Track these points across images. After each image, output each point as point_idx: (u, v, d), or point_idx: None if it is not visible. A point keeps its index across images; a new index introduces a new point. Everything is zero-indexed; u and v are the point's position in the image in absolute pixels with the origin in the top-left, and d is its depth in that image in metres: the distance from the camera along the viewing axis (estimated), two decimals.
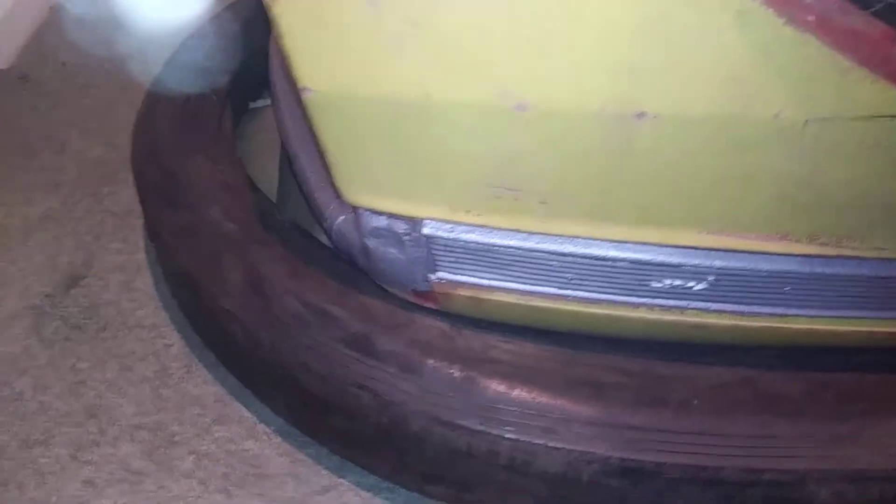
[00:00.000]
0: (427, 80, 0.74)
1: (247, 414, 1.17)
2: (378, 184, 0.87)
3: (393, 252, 0.95)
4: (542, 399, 0.92)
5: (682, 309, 0.91)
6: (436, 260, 0.94)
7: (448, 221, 0.88)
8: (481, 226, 0.86)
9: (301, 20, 0.76)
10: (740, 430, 0.88)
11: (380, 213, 0.91)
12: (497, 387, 0.92)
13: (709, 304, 0.91)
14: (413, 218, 0.89)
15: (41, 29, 2.04)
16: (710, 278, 0.88)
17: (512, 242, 0.89)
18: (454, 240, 0.90)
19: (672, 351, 0.99)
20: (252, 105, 1.53)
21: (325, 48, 0.77)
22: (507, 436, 0.90)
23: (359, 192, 0.88)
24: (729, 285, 0.89)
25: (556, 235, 0.86)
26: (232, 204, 1.10)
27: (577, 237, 0.85)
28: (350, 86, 0.78)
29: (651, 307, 0.92)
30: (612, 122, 0.73)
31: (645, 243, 0.86)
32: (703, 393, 0.93)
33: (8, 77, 1.87)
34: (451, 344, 0.97)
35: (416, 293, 1.00)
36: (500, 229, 0.87)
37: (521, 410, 0.92)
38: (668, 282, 0.91)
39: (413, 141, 0.81)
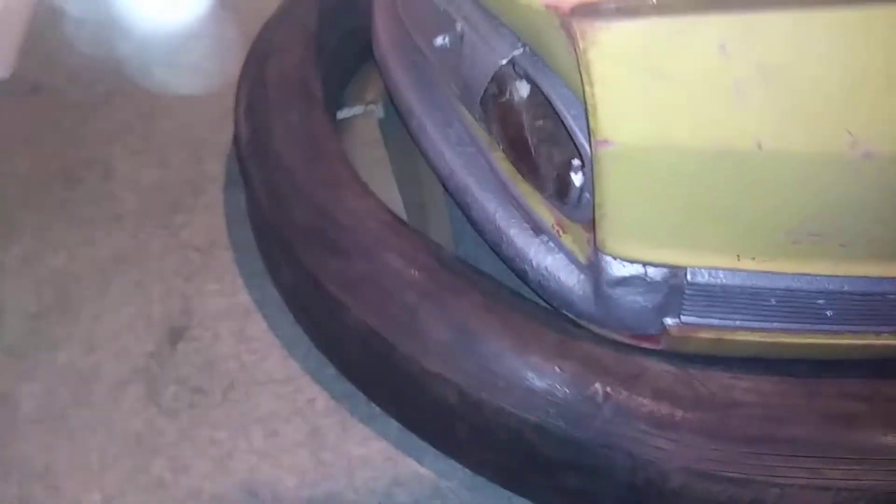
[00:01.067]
0: (763, 128, 0.66)
1: (423, 470, 1.08)
2: (653, 235, 0.78)
3: (637, 300, 0.87)
4: (803, 436, 0.88)
5: None
6: (683, 304, 0.87)
7: (724, 269, 0.81)
8: (762, 272, 0.80)
9: (628, 69, 0.65)
10: None
11: (634, 262, 0.83)
12: (754, 431, 0.88)
13: None
14: (676, 266, 0.82)
15: (34, 30, 1.80)
16: None
17: (784, 284, 0.83)
18: (720, 286, 0.83)
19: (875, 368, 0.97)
20: (340, 116, 1.39)
21: (648, 98, 0.67)
22: (777, 482, 0.87)
23: (626, 244, 0.79)
24: None
25: (842, 276, 0.81)
26: (407, 247, 0.99)
27: (866, 276, 0.80)
28: (666, 137, 0.69)
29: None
30: None
31: None
32: None
33: (17, 88, 1.63)
34: (693, 390, 0.91)
35: (637, 336, 0.93)
36: (778, 274, 0.81)
37: (783, 454, 0.88)
38: None
39: (719, 191, 0.73)
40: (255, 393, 1.15)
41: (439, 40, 1.00)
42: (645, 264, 0.81)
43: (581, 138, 0.79)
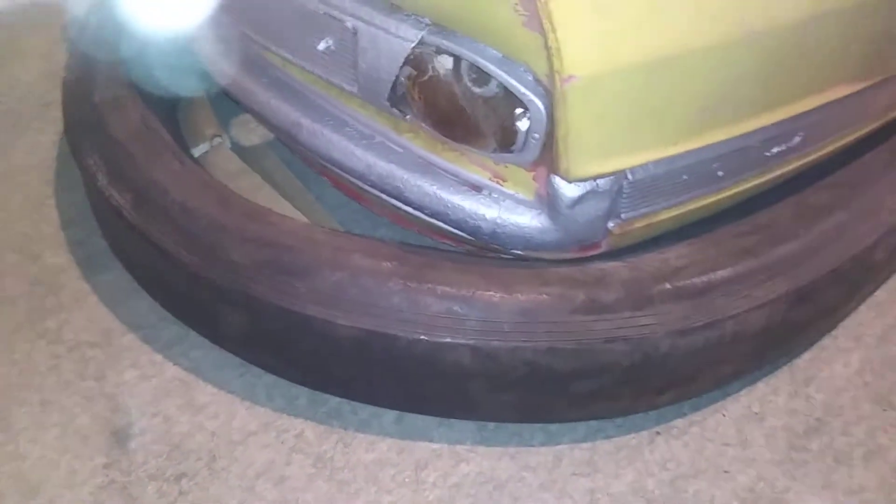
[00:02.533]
0: (685, 33, 0.80)
1: (435, 445, 1.09)
2: (607, 150, 0.89)
3: (589, 213, 0.98)
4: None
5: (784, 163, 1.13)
6: (622, 204, 1.01)
7: (653, 161, 0.95)
8: (680, 153, 0.96)
9: (580, 11, 0.74)
10: None
11: (586, 180, 0.94)
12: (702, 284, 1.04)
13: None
14: (621, 171, 0.95)
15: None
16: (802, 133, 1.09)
17: (693, 159, 1.00)
18: (650, 177, 0.97)
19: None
20: (196, 154, 1.30)
21: (598, 32, 0.78)
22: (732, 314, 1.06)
23: (586, 165, 0.89)
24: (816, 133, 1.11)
25: (729, 139, 0.99)
26: (362, 247, 1.01)
27: (742, 134, 1.00)
28: (616, 61, 0.80)
29: (764, 171, 1.13)
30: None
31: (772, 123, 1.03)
32: None
33: (28, 108, 1.27)
34: (642, 271, 1.05)
35: (584, 247, 1.05)
36: (690, 151, 0.97)
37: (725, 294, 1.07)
38: (776, 148, 1.12)
39: (656, 94, 0.86)
40: (240, 453, 1.08)
41: (322, 45, 1.02)
42: (596, 178, 0.94)
43: (522, 89, 0.88)
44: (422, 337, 0.96)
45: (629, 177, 0.96)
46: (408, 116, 1.02)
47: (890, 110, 1.27)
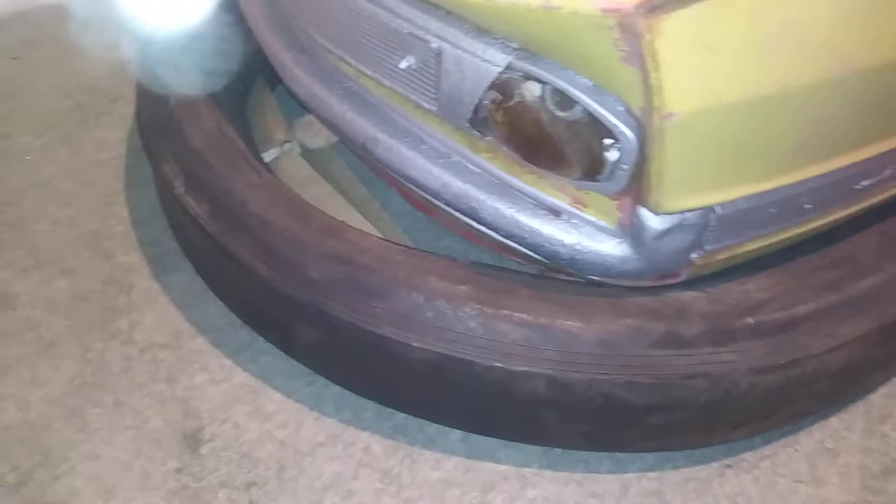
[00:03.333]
0: (786, 71, 0.77)
1: (503, 467, 1.09)
2: (698, 185, 0.87)
3: (675, 245, 0.96)
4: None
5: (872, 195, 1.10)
6: (708, 236, 0.98)
7: (744, 196, 0.93)
8: (771, 189, 0.93)
9: (684, 50, 0.72)
10: None
11: (673, 214, 0.92)
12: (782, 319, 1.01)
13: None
14: (710, 206, 0.93)
15: None
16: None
17: (782, 195, 0.97)
18: (738, 211, 0.94)
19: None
20: (267, 159, 1.30)
21: (700, 70, 0.75)
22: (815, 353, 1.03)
23: (677, 199, 0.87)
24: None
25: (820, 175, 0.96)
26: (437, 268, 1.01)
27: (833, 170, 0.97)
28: (715, 99, 0.77)
29: (851, 203, 1.09)
30: None
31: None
32: None
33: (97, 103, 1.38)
34: (723, 304, 1.03)
35: (662, 276, 1.03)
36: (781, 187, 0.95)
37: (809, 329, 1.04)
38: (865, 182, 1.08)
39: (751, 132, 0.83)
40: (308, 464, 1.09)
41: (404, 63, 1.01)
42: (685, 212, 0.92)
43: (614, 120, 0.86)
44: (497, 364, 0.95)
45: (717, 210, 0.93)
46: (487, 137, 1.01)
47: None
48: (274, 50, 1.25)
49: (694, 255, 1.00)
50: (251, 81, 1.46)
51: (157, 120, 1.22)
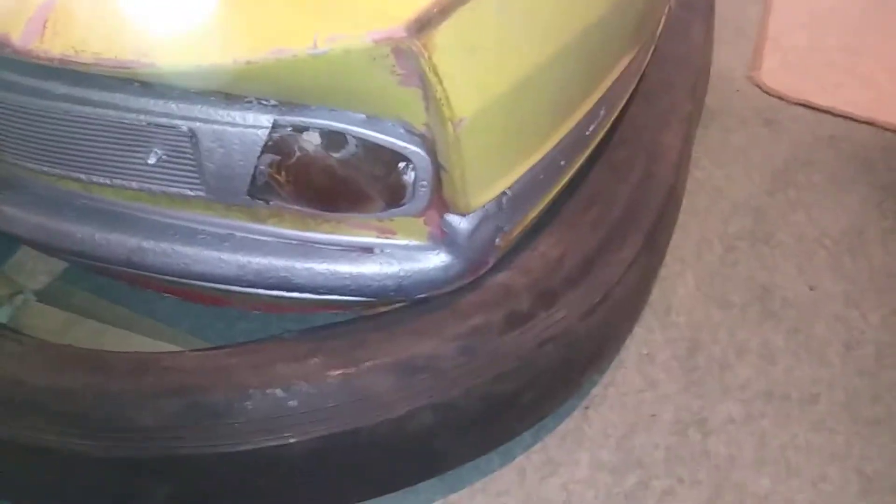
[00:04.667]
0: (529, 53, 0.83)
1: None
2: (492, 175, 0.89)
3: (483, 237, 0.98)
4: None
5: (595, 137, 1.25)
6: (503, 219, 1.02)
7: (524, 172, 0.98)
8: (542, 156, 1.00)
9: (455, 56, 0.72)
10: None
11: (477, 210, 0.94)
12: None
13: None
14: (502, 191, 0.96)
15: None
16: None
17: (544, 162, 1.05)
18: (521, 186, 1.00)
19: None
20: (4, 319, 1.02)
21: (472, 70, 0.77)
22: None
23: (479, 195, 0.89)
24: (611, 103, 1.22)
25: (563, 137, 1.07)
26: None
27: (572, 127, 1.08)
28: (489, 94, 0.79)
29: (586, 148, 1.23)
30: None
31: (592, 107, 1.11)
32: None
33: None
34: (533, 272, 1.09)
35: (477, 268, 1.05)
36: (545, 154, 1.02)
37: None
38: (591, 126, 1.22)
39: (521, 113, 0.87)
40: None
41: (152, 158, 0.88)
42: (485, 205, 0.95)
43: (401, 144, 0.85)
44: (383, 418, 0.91)
45: (508, 193, 0.99)
46: (272, 202, 0.94)
47: (639, 71, 1.46)
48: None
49: (497, 240, 1.05)
50: None
51: None
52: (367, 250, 0.99)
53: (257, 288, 0.99)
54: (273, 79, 0.77)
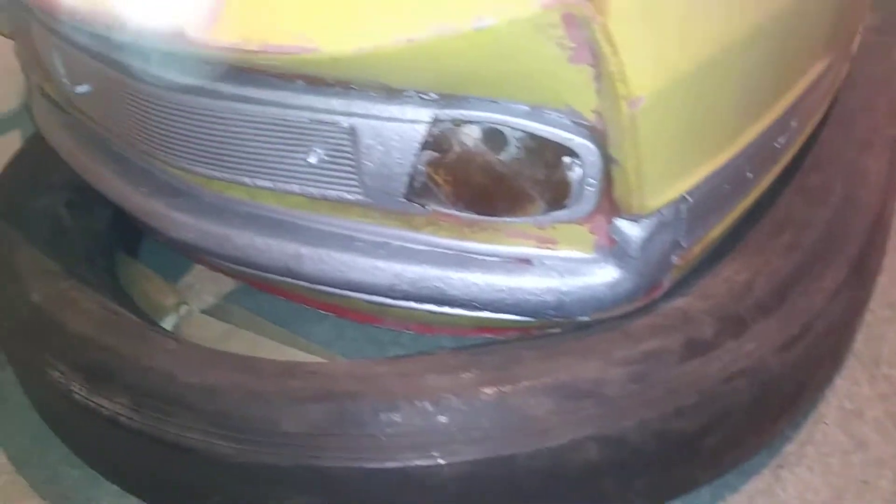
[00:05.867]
0: (720, 30, 0.73)
1: None
2: (672, 173, 0.79)
3: (657, 250, 0.87)
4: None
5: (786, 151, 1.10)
6: (682, 233, 0.90)
7: (707, 175, 0.86)
8: (726, 161, 0.88)
9: (634, 25, 0.65)
10: None
11: (651, 215, 0.83)
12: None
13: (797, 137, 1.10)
14: (681, 194, 0.85)
15: None
16: None
17: (728, 169, 0.92)
18: (703, 193, 0.88)
19: None
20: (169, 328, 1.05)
21: (651, 43, 0.68)
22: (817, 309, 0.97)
23: (659, 194, 0.78)
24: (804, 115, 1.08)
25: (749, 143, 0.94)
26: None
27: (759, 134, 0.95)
28: (672, 71, 0.71)
29: (775, 163, 1.09)
30: None
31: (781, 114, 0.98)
32: None
33: None
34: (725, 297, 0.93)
35: (650, 292, 0.94)
36: (729, 159, 0.90)
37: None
38: (781, 139, 1.08)
39: (705, 101, 0.77)
40: None
41: (313, 157, 0.87)
42: (660, 210, 0.84)
43: (566, 135, 0.77)
44: (539, 447, 0.80)
45: (688, 199, 0.87)
46: (428, 207, 0.89)
47: (833, 88, 1.29)
48: (136, 204, 1.07)
49: (674, 258, 0.92)
50: (111, 255, 1.25)
51: (20, 323, 0.97)
52: (525, 262, 0.90)
53: (411, 300, 0.93)
54: (433, 61, 0.73)
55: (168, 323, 1.09)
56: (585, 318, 0.92)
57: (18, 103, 1.75)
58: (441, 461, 0.76)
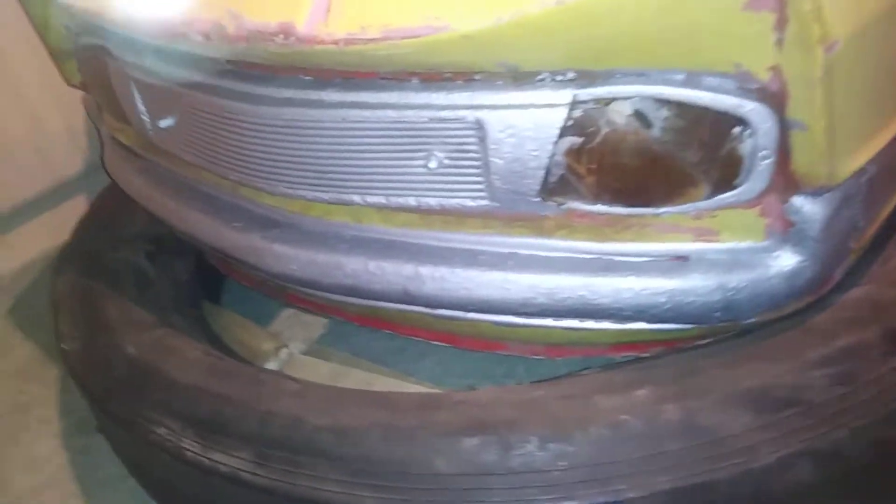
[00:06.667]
0: None
1: None
2: (862, 135, 0.68)
3: (840, 230, 0.75)
4: None
5: None
6: (861, 211, 0.78)
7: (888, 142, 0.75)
8: None
9: None
10: None
11: (836, 186, 0.71)
12: None
13: None
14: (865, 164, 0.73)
15: None
16: None
17: None
18: (883, 166, 0.77)
19: None
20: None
21: None
22: None
23: (851, 159, 0.66)
24: None
25: None
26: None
27: None
28: (866, 12, 0.60)
29: None
30: None
31: None
32: None
33: None
34: None
35: (823, 283, 0.81)
36: None
37: None
38: None
39: (892, 52, 0.66)
40: None
41: (433, 162, 0.77)
42: (843, 183, 0.72)
43: (736, 100, 0.67)
44: (735, 462, 0.67)
45: (868, 171, 0.76)
46: (564, 206, 0.79)
47: None
48: (230, 241, 0.98)
49: (851, 243, 0.80)
50: (198, 304, 1.17)
51: (116, 378, 0.88)
52: (682, 259, 0.78)
53: (548, 315, 0.82)
54: (583, 28, 0.63)
55: (273, 364, 1.00)
56: (752, 321, 0.81)
57: (83, 168, 1.73)
58: (631, 494, 0.64)
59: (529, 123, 0.72)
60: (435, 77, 0.75)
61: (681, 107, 0.69)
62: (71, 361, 0.95)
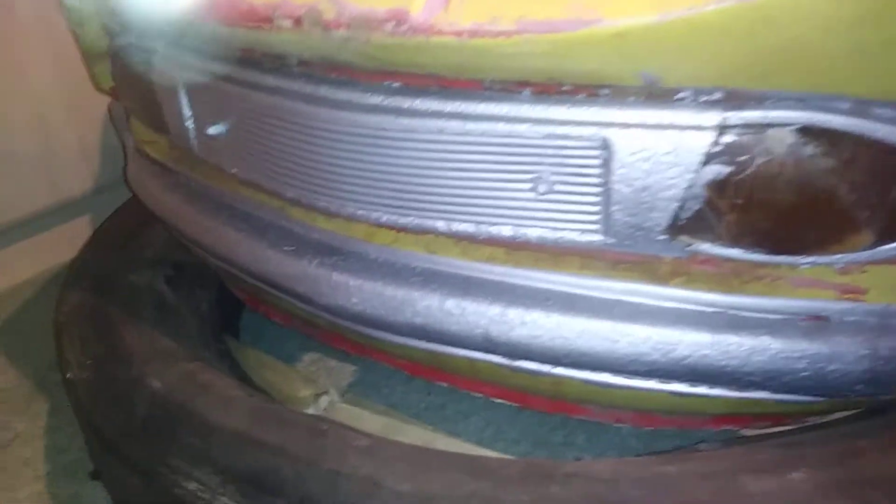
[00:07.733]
0: None
1: None
2: None
3: None
4: None
5: None
6: None
7: None
8: None
9: None
10: None
11: None
12: None
13: None
14: None
15: None
16: None
17: None
18: None
19: None
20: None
21: None
22: None
23: None
24: None
25: None
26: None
27: None
28: None
29: None
30: None
31: None
32: None
33: None
34: None
35: None
36: None
37: None
38: None
39: None
40: None
41: (542, 186, 0.66)
42: None
43: None
44: None
45: None
46: (690, 248, 0.68)
47: None
48: (276, 266, 0.86)
49: None
50: (221, 337, 1.03)
51: (136, 417, 0.74)
52: (821, 319, 0.68)
53: (656, 377, 0.70)
54: (748, 39, 0.53)
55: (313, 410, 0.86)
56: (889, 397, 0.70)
57: (91, 187, 1.61)
58: None
59: (668, 147, 0.62)
60: (551, 89, 0.65)
61: (846, 138, 0.61)
62: (78, 394, 0.81)
